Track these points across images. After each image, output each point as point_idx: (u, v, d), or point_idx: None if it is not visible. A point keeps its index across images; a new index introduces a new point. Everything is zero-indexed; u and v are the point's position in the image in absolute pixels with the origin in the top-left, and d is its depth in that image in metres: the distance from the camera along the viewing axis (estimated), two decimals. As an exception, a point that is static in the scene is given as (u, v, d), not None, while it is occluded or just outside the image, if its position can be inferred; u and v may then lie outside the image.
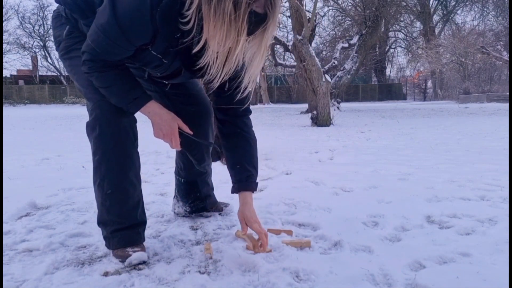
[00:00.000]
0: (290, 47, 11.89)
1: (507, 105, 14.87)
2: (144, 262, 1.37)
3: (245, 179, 1.48)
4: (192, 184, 1.84)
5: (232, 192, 1.50)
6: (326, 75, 8.01)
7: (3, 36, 30.98)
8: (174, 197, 1.91)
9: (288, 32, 19.42)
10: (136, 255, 1.36)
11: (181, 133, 1.42)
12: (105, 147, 1.39)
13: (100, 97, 1.37)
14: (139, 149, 1.48)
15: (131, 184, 1.43)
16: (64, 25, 1.50)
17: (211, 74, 1.25)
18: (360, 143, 4.82)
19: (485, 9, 25.62)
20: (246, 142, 1.53)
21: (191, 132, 1.45)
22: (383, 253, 1.41)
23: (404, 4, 16.42)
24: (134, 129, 1.45)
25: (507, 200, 2.07)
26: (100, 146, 1.39)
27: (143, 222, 1.49)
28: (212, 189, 1.94)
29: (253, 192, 1.49)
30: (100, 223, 1.46)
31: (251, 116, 1.62)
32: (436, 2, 29.84)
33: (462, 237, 1.57)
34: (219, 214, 1.90)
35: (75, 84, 1.51)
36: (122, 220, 1.42)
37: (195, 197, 1.85)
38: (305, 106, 15.04)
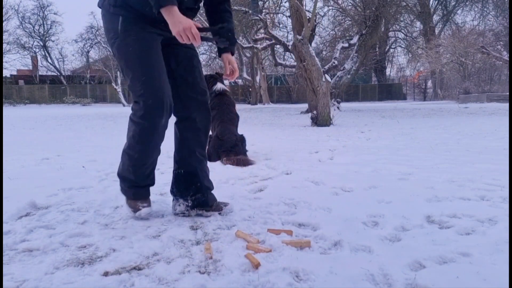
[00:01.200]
0: (290, 47, 11.88)
1: (507, 105, 14.86)
2: (150, 215, 1.84)
3: (234, 44, 1.96)
4: (192, 174, 1.89)
5: (222, 52, 1.97)
6: (326, 75, 8.01)
7: (3, 36, 30.98)
8: (173, 199, 1.94)
9: (288, 32, 19.42)
10: (144, 210, 1.84)
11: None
12: (140, 139, 1.75)
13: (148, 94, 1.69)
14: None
15: (149, 163, 1.83)
16: (116, 15, 1.70)
17: None
18: (360, 143, 4.82)
19: (485, 9, 25.61)
20: (232, 17, 1.98)
21: (201, 25, 1.67)
22: (383, 253, 1.41)
23: (404, 4, 16.39)
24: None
25: (507, 200, 2.07)
26: (138, 135, 1.75)
27: (152, 183, 1.92)
28: (212, 184, 1.98)
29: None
30: (121, 176, 1.87)
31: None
32: (436, 2, 29.84)
33: (462, 237, 1.58)
34: (219, 213, 1.90)
35: (129, 77, 1.73)
36: (138, 181, 1.84)
37: (196, 188, 1.88)
38: (305, 106, 15.04)
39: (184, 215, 1.89)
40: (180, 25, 1.57)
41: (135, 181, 1.83)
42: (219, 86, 3.76)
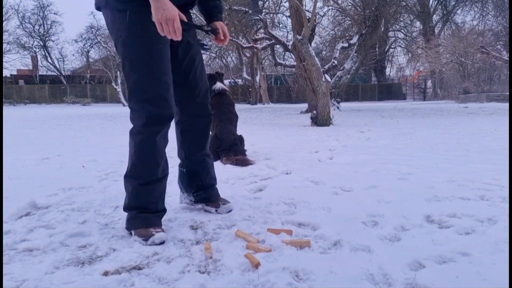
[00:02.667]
0: (290, 47, 11.87)
1: (506, 104, 14.86)
2: (163, 242, 1.54)
3: (221, 12, 1.88)
4: (194, 174, 1.93)
5: (214, 21, 1.84)
6: (326, 75, 8.00)
7: (3, 36, 30.97)
8: (180, 190, 2.00)
9: (288, 32, 19.43)
10: (158, 235, 1.54)
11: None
12: (143, 151, 1.62)
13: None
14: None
15: (157, 180, 1.66)
16: (123, 12, 1.54)
17: None
18: (360, 143, 4.82)
19: (485, 9, 25.62)
20: None
21: (186, 19, 1.55)
22: (383, 253, 1.41)
23: (404, 4, 16.40)
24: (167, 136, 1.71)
25: (507, 199, 2.07)
26: (139, 148, 1.62)
27: (164, 210, 1.73)
28: (215, 180, 2.00)
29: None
30: (127, 208, 1.66)
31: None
32: (436, 2, 29.84)
33: (462, 236, 1.58)
34: (216, 210, 1.91)
35: (132, 79, 1.59)
36: (146, 206, 1.64)
37: (198, 186, 1.94)
38: (305, 106, 15.04)
39: (190, 205, 1.99)
40: (164, 12, 1.41)
41: (143, 207, 1.63)
42: (218, 85, 3.77)
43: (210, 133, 2.20)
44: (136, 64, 1.56)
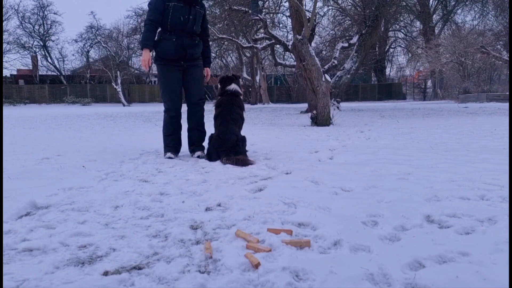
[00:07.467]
0: (290, 47, 11.87)
1: (506, 104, 14.86)
2: (172, 157, 3.73)
3: (209, 64, 4.11)
4: (190, 137, 4.00)
5: (206, 66, 4.04)
6: (326, 75, 8.00)
7: (3, 36, 30.97)
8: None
9: (288, 32, 19.42)
10: (169, 154, 3.74)
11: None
12: (168, 124, 3.87)
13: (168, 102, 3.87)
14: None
15: (177, 136, 3.88)
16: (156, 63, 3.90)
17: None
18: (359, 143, 4.82)
19: (485, 9, 25.63)
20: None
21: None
22: (383, 253, 1.41)
23: (404, 3, 16.41)
24: (180, 118, 3.89)
25: (507, 199, 2.07)
26: (166, 121, 3.88)
27: (176, 146, 3.87)
28: (197, 142, 4.01)
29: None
30: (163, 144, 3.87)
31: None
32: (436, 1, 29.85)
33: (462, 236, 1.58)
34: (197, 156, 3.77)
35: (161, 90, 3.91)
36: (170, 145, 3.84)
37: (192, 145, 3.99)
38: (305, 106, 15.04)
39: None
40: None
41: (167, 144, 3.85)
42: (232, 86, 3.91)
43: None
44: (160, 85, 3.90)
